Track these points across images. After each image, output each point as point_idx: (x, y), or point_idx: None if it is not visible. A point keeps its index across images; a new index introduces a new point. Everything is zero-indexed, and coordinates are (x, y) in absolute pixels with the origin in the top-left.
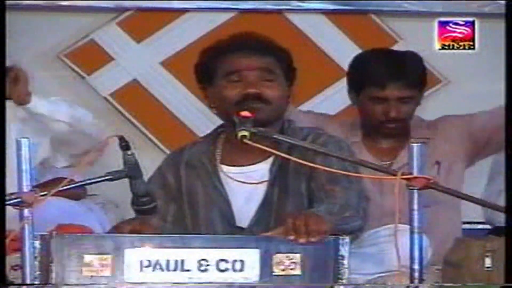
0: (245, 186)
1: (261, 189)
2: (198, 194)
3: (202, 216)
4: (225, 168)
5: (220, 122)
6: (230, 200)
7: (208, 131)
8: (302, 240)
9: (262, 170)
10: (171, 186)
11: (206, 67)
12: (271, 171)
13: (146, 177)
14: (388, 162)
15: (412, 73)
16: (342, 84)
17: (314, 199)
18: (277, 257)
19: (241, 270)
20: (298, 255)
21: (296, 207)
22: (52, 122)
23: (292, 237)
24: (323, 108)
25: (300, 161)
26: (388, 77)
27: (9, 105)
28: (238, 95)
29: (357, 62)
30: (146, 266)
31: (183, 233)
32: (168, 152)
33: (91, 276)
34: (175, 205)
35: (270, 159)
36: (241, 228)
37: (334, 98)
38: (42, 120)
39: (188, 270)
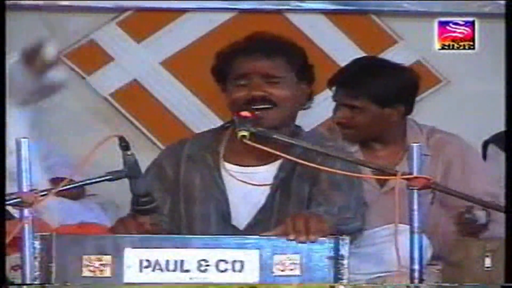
0: (246, 186)
1: (262, 192)
2: (195, 188)
3: (197, 211)
4: (228, 165)
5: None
6: (228, 198)
7: None
8: (301, 240)
9: (265, 172)
10: (169, 179)
11: (220, 70)
12: (277, 175)
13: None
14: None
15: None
16: None
17: (313, 201)
18: (277, 257)
19: (240, 270)
20: (297, 256)
21: (296, 212)
22: None
23: (291, 237)
24: (323, 108)
25: (301, 161)
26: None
27: None
28: (243, 98)
29: None
30: (146, 267)
31: (179, 228)
32: None
33: (91, 276)
34: (171, 198)
35: (276, 163)
36: (237, 228)
37: None
38: None
39: (187, 271)
